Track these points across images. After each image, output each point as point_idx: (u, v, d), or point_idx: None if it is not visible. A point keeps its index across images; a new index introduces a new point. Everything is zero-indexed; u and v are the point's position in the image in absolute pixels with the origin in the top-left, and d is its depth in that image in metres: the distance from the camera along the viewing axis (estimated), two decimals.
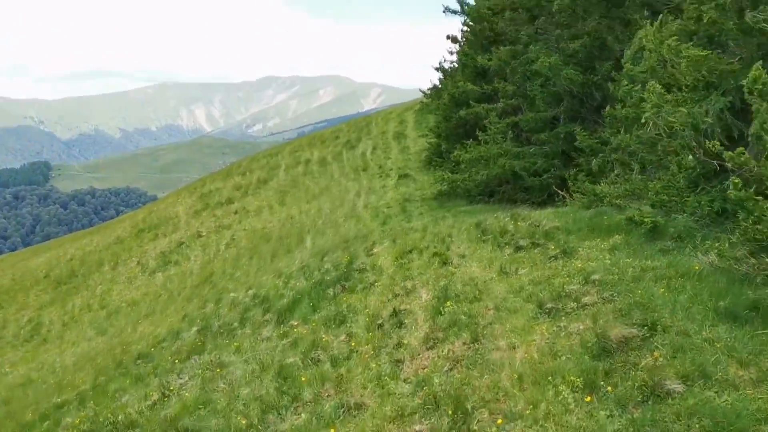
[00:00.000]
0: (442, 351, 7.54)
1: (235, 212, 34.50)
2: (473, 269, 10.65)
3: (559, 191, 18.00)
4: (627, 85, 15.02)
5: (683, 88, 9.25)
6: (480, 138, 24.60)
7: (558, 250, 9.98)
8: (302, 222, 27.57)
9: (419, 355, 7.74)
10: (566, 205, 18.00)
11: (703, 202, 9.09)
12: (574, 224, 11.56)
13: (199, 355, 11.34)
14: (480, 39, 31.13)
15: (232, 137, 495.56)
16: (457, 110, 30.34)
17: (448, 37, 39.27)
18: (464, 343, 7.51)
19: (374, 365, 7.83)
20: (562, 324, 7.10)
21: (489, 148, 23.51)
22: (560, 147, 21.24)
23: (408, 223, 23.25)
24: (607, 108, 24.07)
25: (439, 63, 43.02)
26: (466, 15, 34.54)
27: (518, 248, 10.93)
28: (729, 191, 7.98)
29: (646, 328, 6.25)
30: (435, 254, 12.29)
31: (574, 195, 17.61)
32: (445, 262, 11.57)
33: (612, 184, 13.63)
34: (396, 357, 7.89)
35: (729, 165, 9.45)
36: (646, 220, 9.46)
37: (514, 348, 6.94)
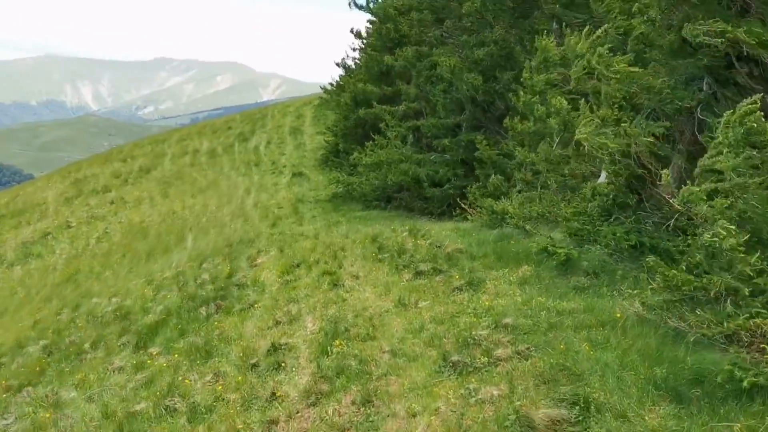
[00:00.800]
0: (326, 411, 6.22)
1: (112, 202, 31.65)
2: (367, 295, 9.40)
3: (461, 204, 17.13)
4: (526, 95, 14.30)
5: (610, 105, 8.44)
6: (378, 141, 23.47)
7: (463, 281, 8.93)
8: (185, 218, 25.42)
9: (298, 413, 6.37)
10: (467, 220, 17.19)
11: (618, 234, 8.32)
12: (478, 248, 10.56)
13: (34, 386, 9.40)
14: (385, 39, 30.04)
15: (120, 118, 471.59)
16: (357, 110, 29.16)
17: (351, 32, 37.96)
18: (353, 403, 6.22)
19: (241, 425, 6.37)
20: (471, 386, 5.95)
21: (389, 152, 22.43)
22: (462, 156, 20.46)
23: (299, 226, 21.79)
24: (506, 119, 23.74)
25: (342, 59, 41.73)
26: (372, 13, 33.40)
27: (418, 273, 9.81)
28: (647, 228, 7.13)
29: (577, 408, 5.19)
30: (325, 272, 10.96)
31: (474, 209, 16.83)
32: (335, 284, 10.26)
33: (517, 203, 12.80)
34: (269, 415, 6.47)
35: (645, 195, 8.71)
36: (559, 251, 8.58)
37: (414, 416, 5.71)
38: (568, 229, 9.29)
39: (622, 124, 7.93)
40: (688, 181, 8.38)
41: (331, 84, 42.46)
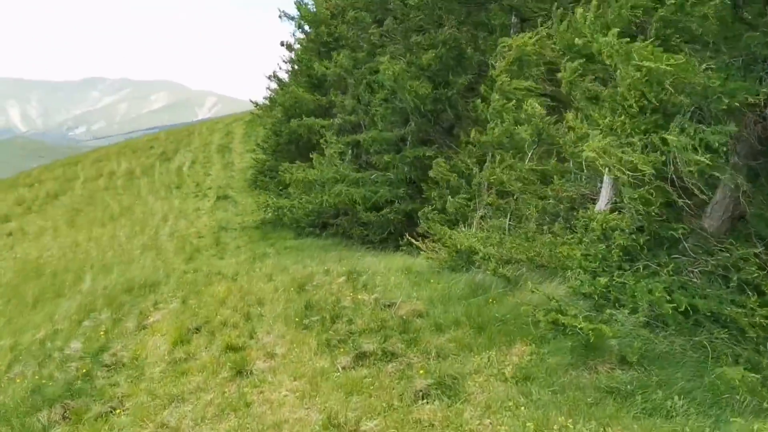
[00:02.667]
0: None
1: (9, 234, 27.61)
2: (284, 394, 6.40)
3: (409, 234, 14.32)
4: (498, 100, 11.64)
5: (625, 109, 5.74)
6: (316, 159, 20.48)
7: (429, 379, 5.96)
8: (88, 252, 21.80)
9: None
10: (419, 253, 14.49)
11: (657, 293, 5.62)
12: (445, 309, 7.68)
13: None
14: (317, 44, 27.11)
15: (51, 139, 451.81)
16: (289, 123, 26.16)
17: (282, 44, 34.96)
18: None
19: None
20: None
21: (323, 170, 19.48)
22: (407, 174, 17.69)
23: (219, 260, 18.60)
24: (457, 130, 21.07)
25: (273, 72, 38.60)
26: (303, 19, 30.39)
27: (360, 356, 6.88)
28: None
29: None
30: (230, 347, 7.92)
31: (428, 242, 14.10)
32: (241, 369, 7.23)
33: (483, 236, 10.04)
34: None
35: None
36: (581, 327, 5.72)
37: None
38: (580, 285, 6.51)
39: (656, 134, 5.32)
40: (750, 209, 5.75)
41: (264, 98, 39.33)
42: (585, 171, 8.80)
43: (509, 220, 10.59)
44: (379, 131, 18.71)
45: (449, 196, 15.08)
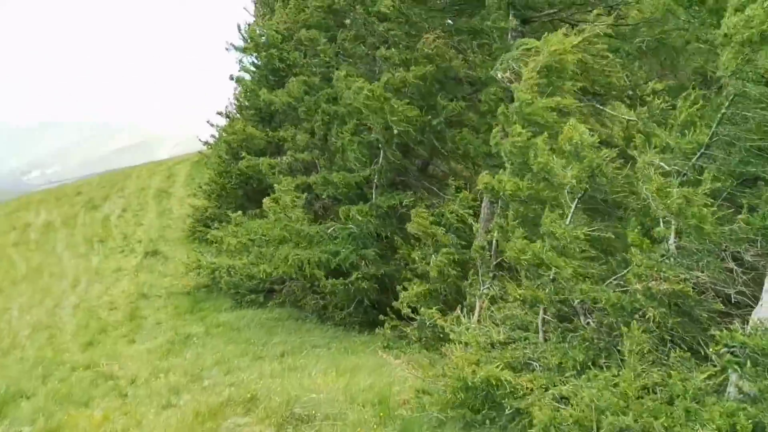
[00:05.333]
0: None
1: None
2: None
3: (387, 321, 10.22)
4: (521, 132, 7.62)
5: None
6: (266, 206, 16.09)
7: None
8: None
9: None
10: (399, 336, 10.43)
11: None
12: None
13: None
14: (267, 72, 23.02)
15: (4, 185, 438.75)
16: (236, 163, 21.94)
17: (231, 78, 30.85)
18: None
19: None
20: None
21: (272, 224, 15.10)
22: (376, 228, 13.56)
23: (130, 344, 14.11)
24: (431, 168, 17.71)
25: (225, 107, 34.34)
26: (250, 46, 26.26)
27: None
28: None
29: None
30: None
31: (408, 328, 9.99)
32: None
33: (506, 357, 5.92)
34: None
35: None
36: None
37: None
38: None
39: None
40: None
41: (212, 136, 34.95)
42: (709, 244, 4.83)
43: (542, 323, 6.50)
44: (338, 171, 14.65)
45: (432, 256, 11.02)
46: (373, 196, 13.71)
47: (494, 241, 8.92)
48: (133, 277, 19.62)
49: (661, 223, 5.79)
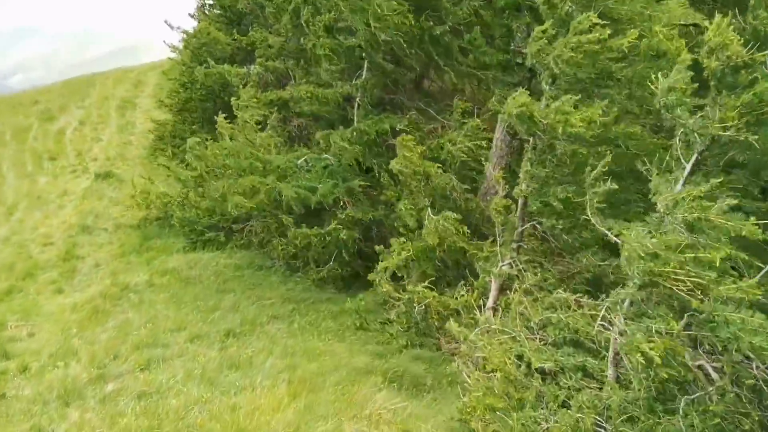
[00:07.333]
0: None
1: None
2: None
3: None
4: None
5: None
6: (219, 126, 13.20)
7: None
8: None
9: None
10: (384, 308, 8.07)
11: None
12: None
13: None
14: None
15: None
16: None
17: None
18: None
19: None
20: None
21: (234, 146, 12.25)
22: (363, 158, 10.79)
23: (56, 293, 11.60)
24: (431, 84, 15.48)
25: (199, 6, 30.44)
26: None
27: None
28: None
29: None
30: None
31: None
32: None
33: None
34: None
35: None
36: None
37: None
38: None
39: None
40: None
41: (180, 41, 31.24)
42: None
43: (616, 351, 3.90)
44: (315, 86, 11.75)
45: (429, 208, 8.34)
46: (355, 119, 10.86)
47: (522, 199, 6.25)
48: (80, 203, 16.89)
49: None
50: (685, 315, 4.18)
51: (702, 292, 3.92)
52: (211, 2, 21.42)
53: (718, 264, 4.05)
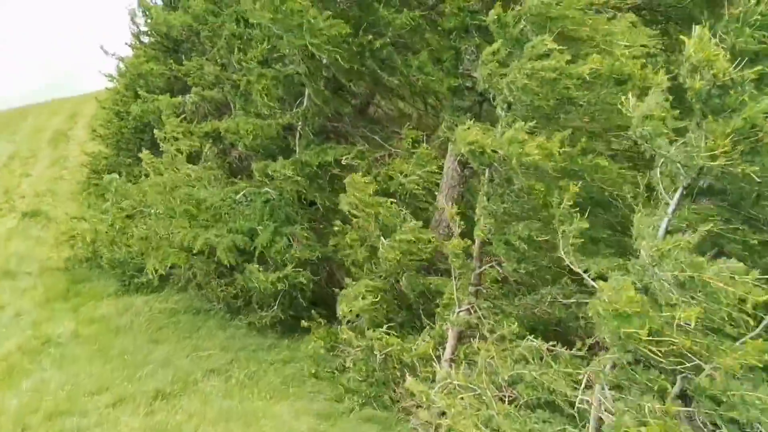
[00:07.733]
0: None
1: None
2: None
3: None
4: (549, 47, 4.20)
5: None
6: (144, 159, 12.28)
7: None
8: None
9: None
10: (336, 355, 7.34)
11: None
12: None
13: None
14: None
15: None
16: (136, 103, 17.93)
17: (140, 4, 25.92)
18: None
19: None
20: None
21: (163, 181, 11.37)
22: (306, 193, 10.05)
23: None
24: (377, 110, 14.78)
25: (135, 34, 29.32)
26: None
27: None
28: None
29: None
30: None
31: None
32: None
33: None
34: None
35: None
36: None
37: None
38: None
39: None
40: None
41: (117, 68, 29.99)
42: None
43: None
44: (249, 114, 11.02)
45: (382, 239, 7.68)
46: (297, 149, 10.15)
47: (478, 240, 5.64)
48: (1, 246, 15.65)
49: None
50: (678, 378, 3.61)
51: (699, 356, 3.36)
52: (146, 29, 20.51)
53: (693, 324, 3.51)
